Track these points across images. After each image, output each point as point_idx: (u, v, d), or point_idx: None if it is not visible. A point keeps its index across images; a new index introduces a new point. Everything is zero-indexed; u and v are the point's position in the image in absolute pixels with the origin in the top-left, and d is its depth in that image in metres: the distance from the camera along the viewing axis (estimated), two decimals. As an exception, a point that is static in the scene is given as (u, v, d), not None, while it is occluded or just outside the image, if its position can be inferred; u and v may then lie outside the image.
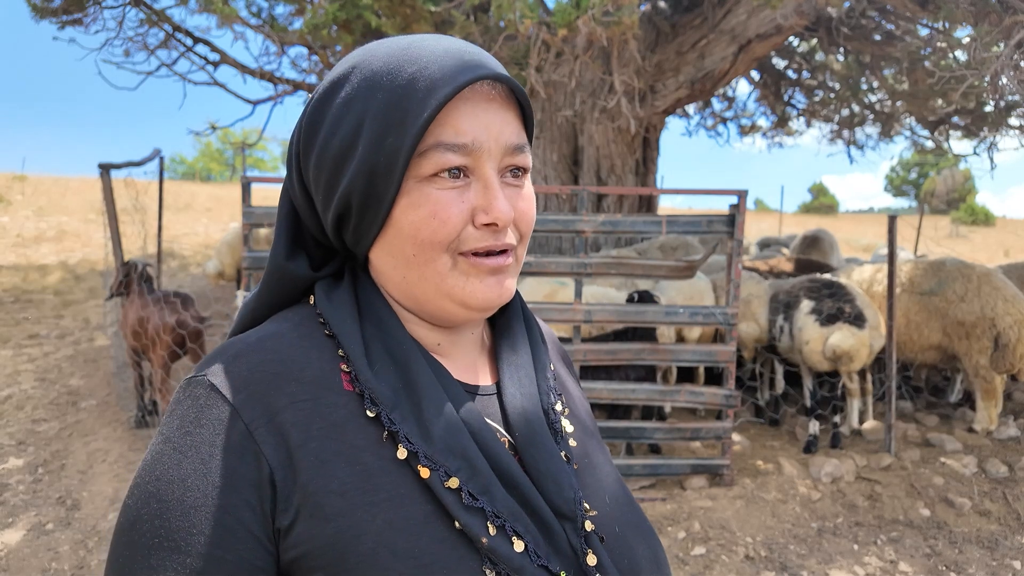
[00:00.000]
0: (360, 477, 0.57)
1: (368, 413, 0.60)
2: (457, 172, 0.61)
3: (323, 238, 0.69)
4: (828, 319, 4.27)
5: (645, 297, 4.05)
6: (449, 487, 0.58)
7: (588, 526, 0.64)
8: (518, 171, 0.66)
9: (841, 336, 4.16)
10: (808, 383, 4.55)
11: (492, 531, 0.58)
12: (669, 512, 3.55)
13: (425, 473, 0.58)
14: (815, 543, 3.32)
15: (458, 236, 0.62)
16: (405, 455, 0.58)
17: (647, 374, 4.06)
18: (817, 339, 4.27)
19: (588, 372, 3.92)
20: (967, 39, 4.97)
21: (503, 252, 0.65)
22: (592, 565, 0.62)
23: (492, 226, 0.62)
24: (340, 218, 0.64)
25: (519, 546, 0.58)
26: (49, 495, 3.68)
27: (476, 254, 0.63)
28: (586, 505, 0.66)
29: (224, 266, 7.63)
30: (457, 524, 0.57)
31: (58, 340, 6.59)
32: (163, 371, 4.29)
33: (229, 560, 0.53)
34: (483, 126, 0.61)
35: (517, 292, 0.77)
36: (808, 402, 4.57)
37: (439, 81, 0.59)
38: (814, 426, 4.37)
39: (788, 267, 6.29)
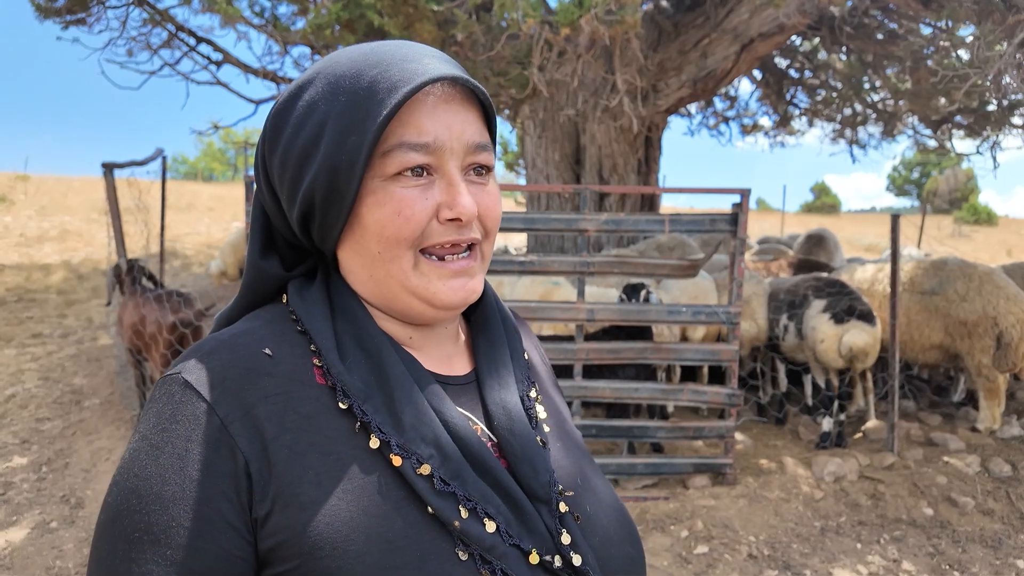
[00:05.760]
0: (334, 467, 0.59)
1: (340, 405, 0.62)
2: (420, 171, 0.63)
3: (293, 239, 0.71)
4: (841, 317, 4.29)
5: (637, 289, 4.01)
6: (421, 474, 0.59)
7: (562, 507, 0.66)
8: (481, 169, 0.67)
9: (856, 334, 4.20)
10: (820, 381, 4.56)
11: (464, 514, 0.59)
12: (672, 511, 3.55)
13: (397, 461, 0.59)
14: (818, 542, 3.32)
15: (423, 232, 0.63)
16: (378, 444, 0.60)
17: (637, 373, 4.05)
18: (832, 337, 4.28)
19: (588, 371, 3.91)
20: (970, 38, 4.97)
21: (468, 251, 0.67)
22: (566, 544, 0.64)
23: (456, 221, 0.64)
24: (305, 216, 0.66)
25: (491, 527, 0.60)
26: (53, 493, 3.69)
27: (440, 257, 0.65)
28: (560, 487, 0.68)
29: (227, 266, 7.69)
30: (430, 509, 0.59)
31: (61, 339, 6.60)
32: (164, 369, 4.30)
33: (208, 550, 0.55)
34: (444, 125, 0.63)
35: (490, 287, 0.80)
36: (810, 401, 4.57)
37: (399, 82, 0.61)
38: (827, 423, 4.38)
39: (787, 269, 6.28)
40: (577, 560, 0.63)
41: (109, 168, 5.32)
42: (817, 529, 3.44)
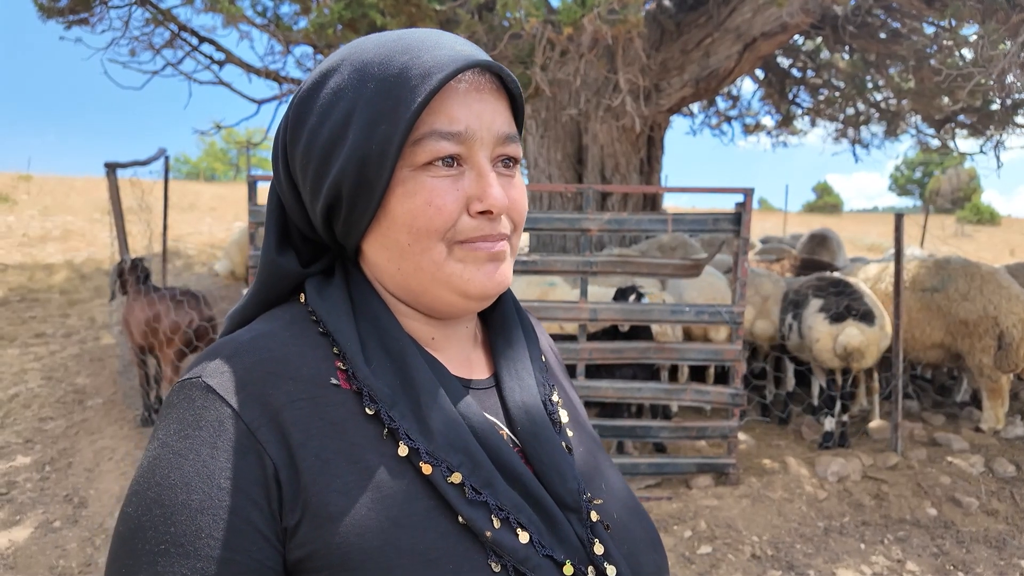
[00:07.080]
0: (362, 475, 0.57)
1: (367, 411, 0.60)
2: (451, 161, 0.61)
3: (311, 233, 0.69)
4: (837, 317, 4.28)
5: (627, 293, 4.00)
6: (452, 482, 0.58)
7: (593, 516, 0.64)
8: (509, 161, 0.66)
9: (851, 333, 4.18)
10: (820, 380, 4.55)
11: (496, 524, 0.58)
12: (675, 511, 3.54)
13: (427, 470, 0.58)
14: (822, 542, 3.32)
15: (454, 225, 0.61)
16: (406, 452, 0.58)
17: (636, 373, 4.04)
18: (827, 336, 4.28)
19: (590, 371, 3.91)
20: (974, 37, 4.96)
21: (499, 239, 0.65)
22: (599, 554, 0.62)
23: (487, 214, 0.62)
24: (330, 208, 0.64)
25: (524, 537, 0.58)
26: (56, 493, 3.70)
27: (472, 242, 0.63)
28: (588, 494, 0.66)
29: (235, 265, 7.69)
30: (461, 519, 0.57)
31: (64, 339, 6.61)
32: (172, 370, 4.31)
33: (239, 561, 0.53)
34: (475, 115, 0.61)
35: (508, 288, 0.78)
36: (816, 401, 4.56)
37: (432, 69, 0.59)
38: (830, 423, 4.37)
39: (791, 269, 6.28)
40: (611, 571, 0.62)
41: (112, 168, 5.34)
42: (820, 529, 3.43)
